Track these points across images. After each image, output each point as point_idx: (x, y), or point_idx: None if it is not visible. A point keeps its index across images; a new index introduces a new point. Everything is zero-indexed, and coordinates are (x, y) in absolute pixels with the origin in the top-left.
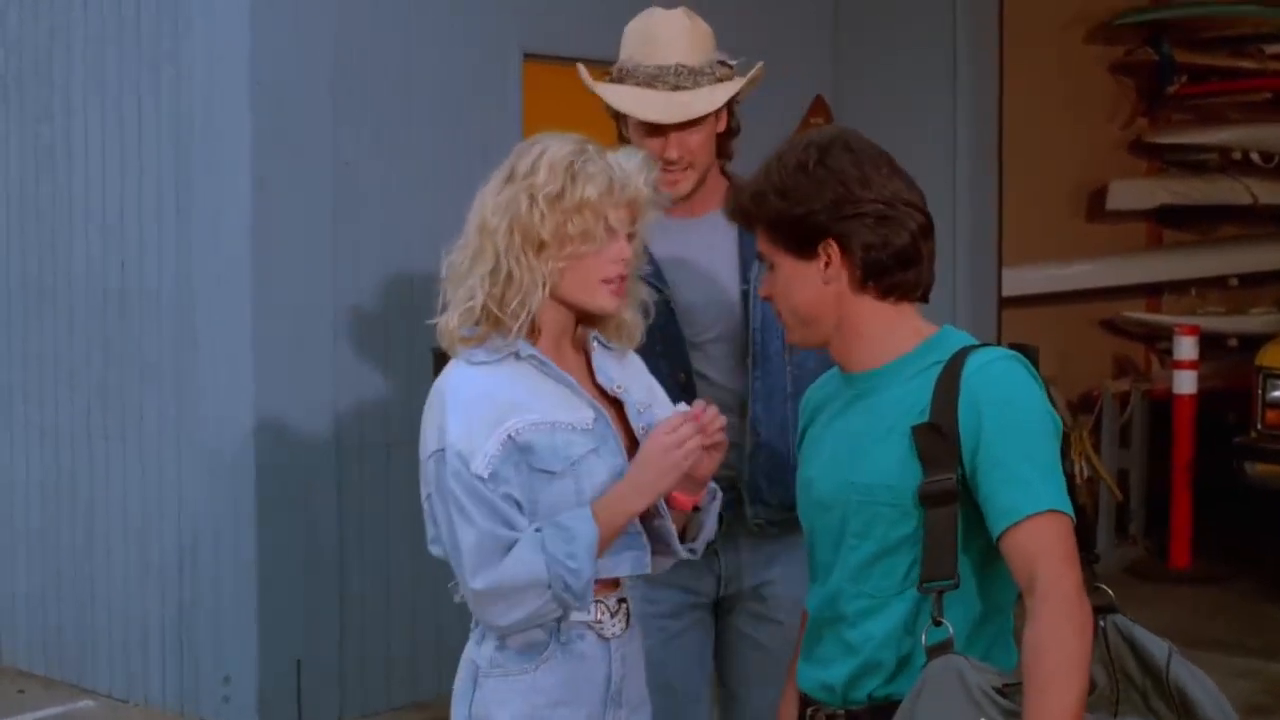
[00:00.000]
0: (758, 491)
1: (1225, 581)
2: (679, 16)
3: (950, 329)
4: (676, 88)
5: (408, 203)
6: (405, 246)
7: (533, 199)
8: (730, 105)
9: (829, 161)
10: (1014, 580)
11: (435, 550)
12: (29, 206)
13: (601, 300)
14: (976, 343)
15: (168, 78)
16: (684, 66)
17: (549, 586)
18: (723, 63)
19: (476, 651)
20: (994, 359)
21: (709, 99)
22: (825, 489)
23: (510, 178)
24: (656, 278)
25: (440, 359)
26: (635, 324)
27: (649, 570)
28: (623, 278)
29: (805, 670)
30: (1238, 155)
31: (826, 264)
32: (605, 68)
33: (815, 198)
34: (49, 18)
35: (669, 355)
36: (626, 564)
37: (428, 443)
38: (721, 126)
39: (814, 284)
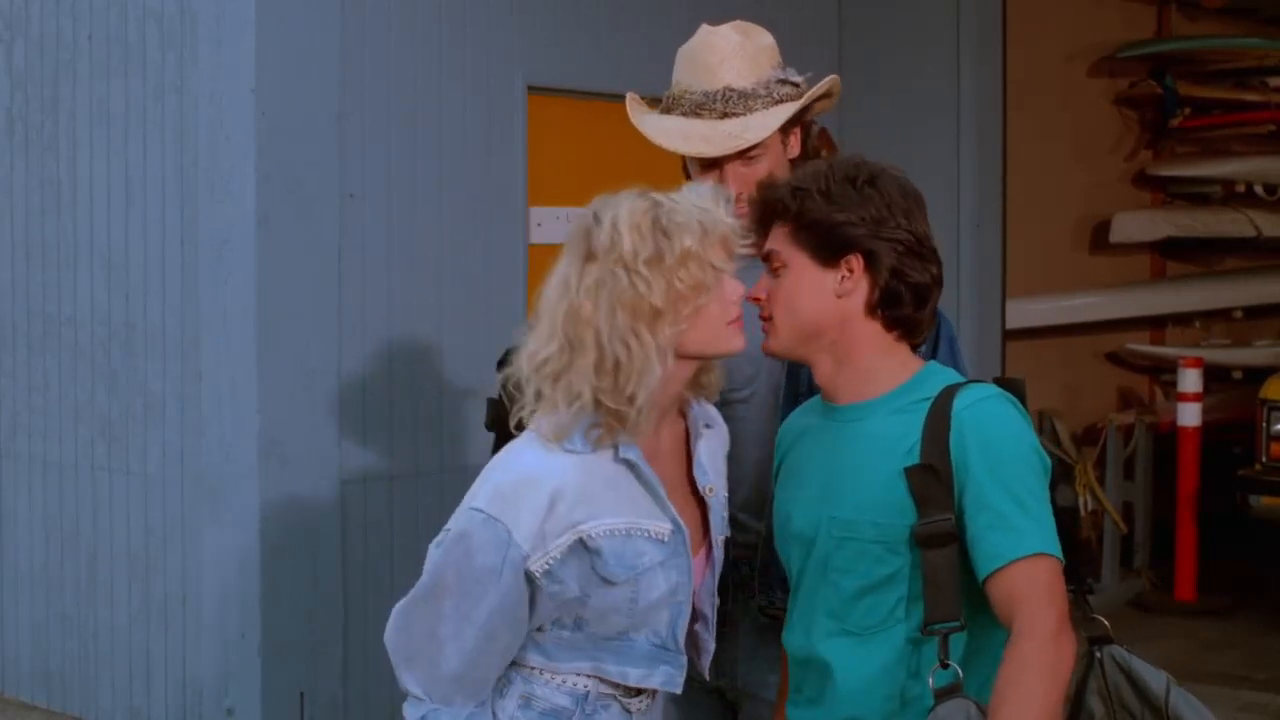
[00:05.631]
0: (771, 577)
1: (1230, 614)
2: (728, 33)
3: (936, 365)
4: (725, 115)
5: (412, 235)
6: (410, 279)
7: (630, 270)
8: (804, 125)
9: (879, 184)
10: None
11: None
12: (35, 240)
13: (732, 342)
14: (962, 379)
15: (172, 110)
16: (732, 90)
17: None
18: (785, 80)
19: (498, 703)
20: (982, 398)
21: (761, 125)
22: (804, 523)
23: (589, 257)
24: None
25: (497, 409)
26: (721, 376)
27: (679, 691)
28: (740, 315)
29: (795, 713)
30: (1241, 188)
31: (844, 278)
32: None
33: (856, 210)
34: (55, 51)
35: None
36: (658, 677)
37: (488, 504)
38: (794, 151)
39: (826, 295)
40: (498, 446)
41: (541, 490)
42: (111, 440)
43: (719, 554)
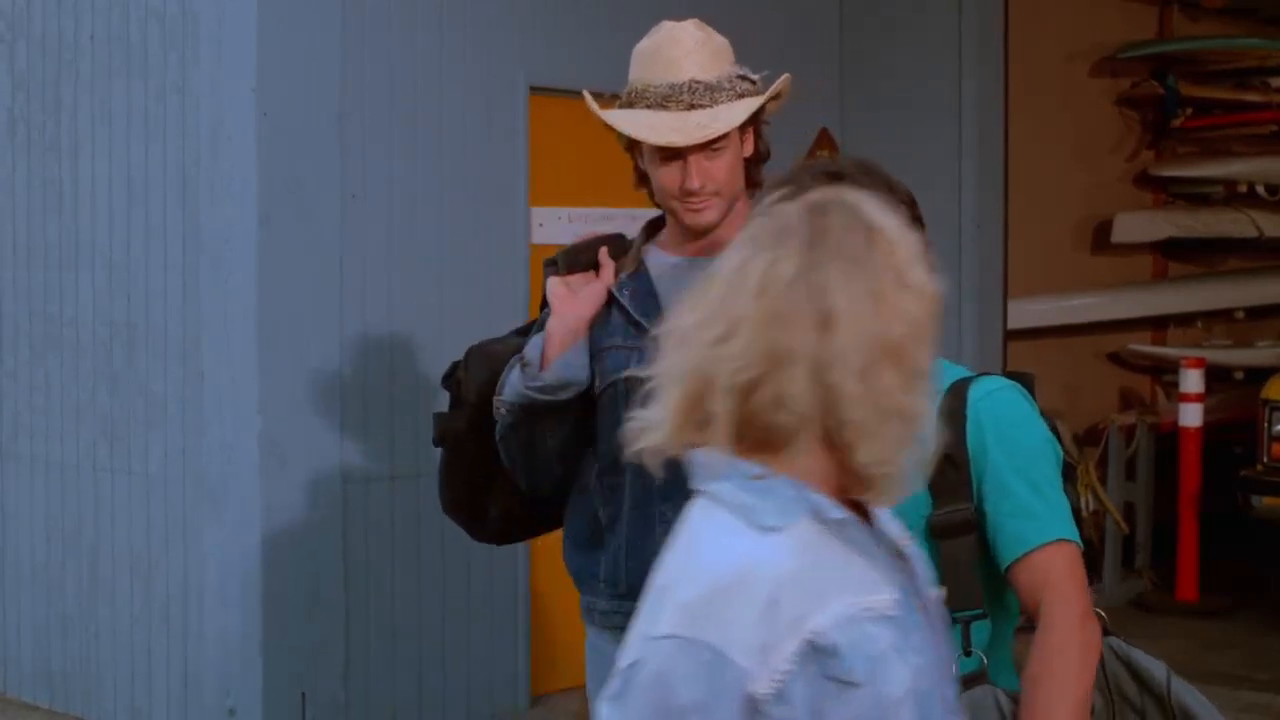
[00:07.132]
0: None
1: (1231, 614)
2: (690, 29)
3: (946, 361)
4: (692, 106)
5: (413, 235)
6: (411, 280)
7: (918, 298)
8: (757, 127)
9: (897, 192)
10: (1016, 608)
11: None
12: (36, 240)
13: None
14: (973, 373)
15: (174, 110)
16: (698, 83)
17: None
18: (743, 77)
19: None
20: (997, 388)
21: (729, 116)
22: None
23: (852, 257)
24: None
25: (447, 421)
26: None
27: None
28: None
29: None
30: (1243, 188)
31: None
32: (615, 100)
33: None
34: (57, 51)
35: None
36: None
37: (679, 626)
38: (749, 150)
39: None
40: (448, 462)
41: (754, 589)
42: (113, 440)
43: (938, 614)
